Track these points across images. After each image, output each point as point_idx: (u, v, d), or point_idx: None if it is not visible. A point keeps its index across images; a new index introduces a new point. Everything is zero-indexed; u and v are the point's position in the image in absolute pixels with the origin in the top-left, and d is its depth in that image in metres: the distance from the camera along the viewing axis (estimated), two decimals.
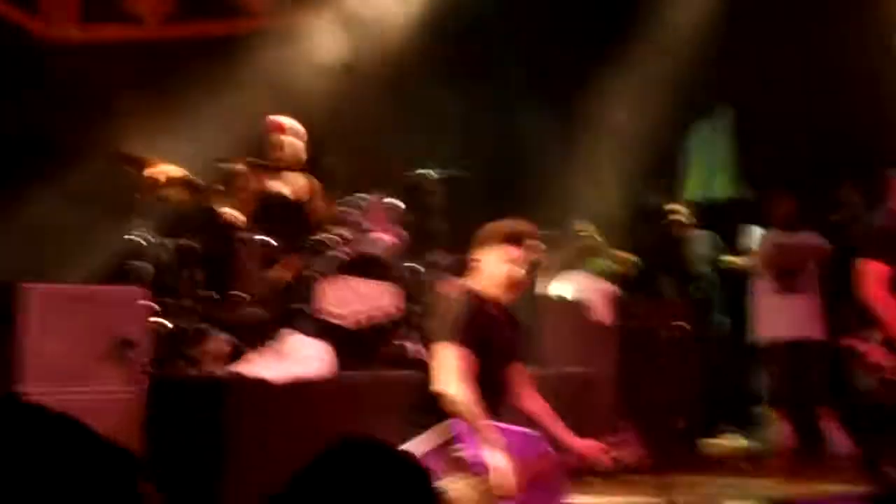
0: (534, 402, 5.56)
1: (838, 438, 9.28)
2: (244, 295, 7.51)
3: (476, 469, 5.06)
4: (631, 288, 9.26)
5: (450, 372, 5.17)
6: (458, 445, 5.09)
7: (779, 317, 9.53)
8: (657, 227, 7.73)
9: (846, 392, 9.65)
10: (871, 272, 6.60)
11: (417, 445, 5.04)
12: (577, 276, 9.02)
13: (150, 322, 6.92)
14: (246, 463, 6.45)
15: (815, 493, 6.81)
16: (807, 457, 9.12)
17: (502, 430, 5.17)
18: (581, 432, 5.76)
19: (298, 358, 7.18)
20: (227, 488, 6.44)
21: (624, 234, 9.01)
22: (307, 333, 7.36)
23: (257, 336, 7.37)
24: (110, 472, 1.33)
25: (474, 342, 5.25)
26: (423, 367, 5.50)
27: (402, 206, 8.12)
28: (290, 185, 8.28)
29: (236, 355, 7.23)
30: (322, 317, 7.49)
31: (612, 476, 6.80)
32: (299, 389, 6.91)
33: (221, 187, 7.81)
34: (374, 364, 7.62)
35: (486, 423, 5.10)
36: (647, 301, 9.27)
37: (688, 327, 9.25)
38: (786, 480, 7.81)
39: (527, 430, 5.37)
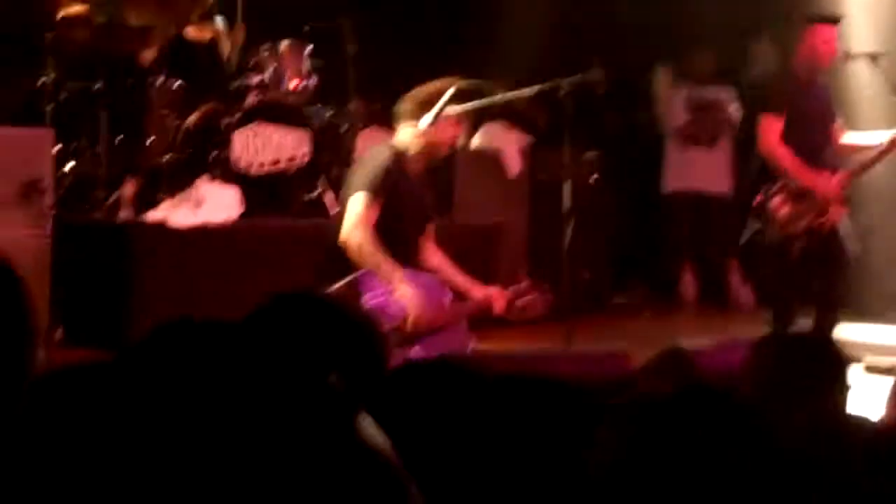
0: (435, 257, 5.62)
1: (743, 292, 9.48)
2: (156, 140, 7.42)
3: (383, 319, 5.14)
4: (544, 139, 9.27)
5: (354, 219, 5.23)
6: (366, 296, 5.16)
7: (687, 169, 9.63)
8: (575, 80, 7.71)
9: (752, 246, 9.83)
10: (772, 126, 6.75)
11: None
12: (489, 125, 9.00)
13: (58, 166, 6.82)
14: (152, 308, 6.44)
15: (718, 343, 6.97)
16: (711, 308, 9.32)
17: (407, 275, 5.26)
18: (490, 282, 5.85)
19: (211, 205, 7.14)
20: (133, 332, 6.45)
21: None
22: (219, 181, 7.31)
23: (169, 183, 7.30)
24: None
25: (387, 199, 5.28)
26: (335, 216, 5.52)
27: (313, 52, 8.01)
28: (205, 28, 8.10)
29: (148, 202, 7.16)
30: (234, 164, 7.43)
31: (514, 324, 6.92)
32: (207, 236, 6.89)
33: (136, 27, 7.61)
34: (287, 212, 7.60)
35: (389, 264, 5.18)
36: (560, 153, 9.30)
37: (599, 179, 9.33)
38: (689, 331, 7.99)
39: (431, 276, 5.45)
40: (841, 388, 2.74)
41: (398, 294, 5.18)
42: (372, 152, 5.57)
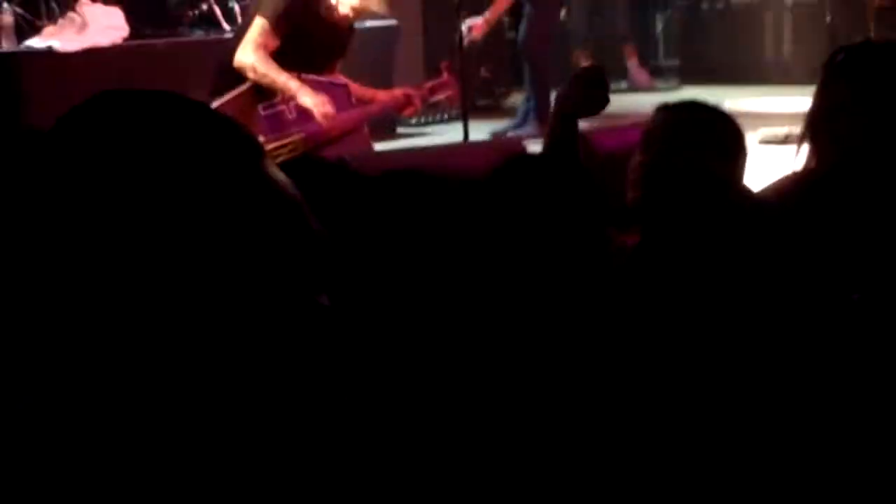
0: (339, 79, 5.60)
1: (640, 73, 9.55)
2: None
3: (281, 127, 5.14)
4: None
5: (248, 43, 5.18)
6: (260, 105, 5.13)
7: None
8: None
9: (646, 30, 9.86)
10: None
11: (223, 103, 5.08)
12: None
13: None
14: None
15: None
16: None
17: (307, 80, 5.24)
18: (392, 82, 5.82)
19: (96, 27, 6.95)
20: None
21: None
22: (102, 1, 7.11)
23: (49, 8, 7.08)
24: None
25: (293, 29, 5.21)
26: (235, 30, 5.48)
27: None
28: None
29: (29, 29, 6.95)
30: None
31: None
32: (97, 59, 6.73)
33: None
34: (175, 29, 7.44)
35: (284, 78, 5.16)
36: None
37: None
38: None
39: (333, 83, 5.42)
40: (737, 155, 2.75)
41: (301, 101, 5.16)
42: None
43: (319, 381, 1.24)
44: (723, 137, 2.73)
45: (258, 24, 5.22)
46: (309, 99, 5.15)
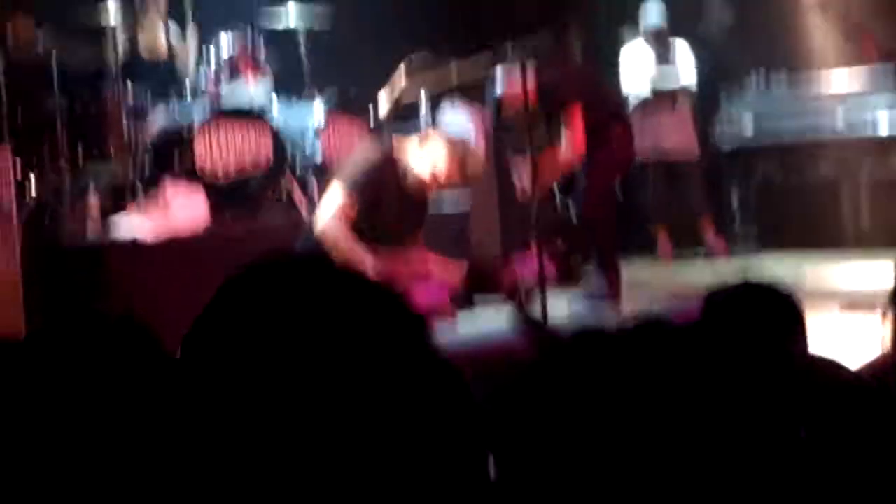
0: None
1: (717, 244, 9.51)
2: (117, 151, 7.35)
3: None
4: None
5: (326, 210, 5.36)
6: None
7: (656, 132, 9.58)
8: None
9: (722, 201, 9.87)
10: None
11: None
12: (449, 108, 8.87)
13: (19, 186, 6.69)
14: None
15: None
16: (688, 262, 9.35)
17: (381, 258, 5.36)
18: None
19: (179, 212, 7.09)
20: None
21: None
22: (184, 187, 7.26)
23: (134, 192, 7.24)
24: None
25: (367, 199, 5.34)
26: (307, 211, 5.64)
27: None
28: (159, 44, 8.04)
29: (114, 213, 7.10)
30: (199, 172, 7.38)
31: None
32: (180, 248, 6.83)
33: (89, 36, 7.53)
34: (256, 214, 7.56)
35: (359, 253, 5.26)
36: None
37: None
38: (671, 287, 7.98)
39: (410, 259, 5.53)
40: (797, 332, 2.64)
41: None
42: (360, 149, 5.72)
43: None
44: (777, 315, 2.62)
45: (335, 189, 5.40)
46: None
